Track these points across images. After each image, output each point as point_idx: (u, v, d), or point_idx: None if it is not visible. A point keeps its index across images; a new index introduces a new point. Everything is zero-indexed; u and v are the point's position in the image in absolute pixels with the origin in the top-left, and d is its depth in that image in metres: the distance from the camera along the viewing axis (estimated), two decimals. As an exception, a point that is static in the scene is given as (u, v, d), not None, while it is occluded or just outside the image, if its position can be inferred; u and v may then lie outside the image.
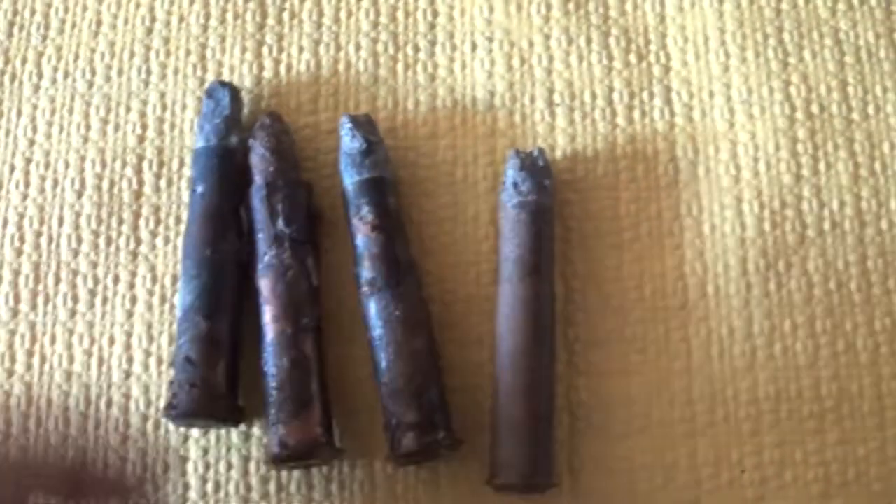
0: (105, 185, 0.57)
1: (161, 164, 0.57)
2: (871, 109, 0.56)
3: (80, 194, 0.57)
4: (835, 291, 0.54)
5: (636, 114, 0.57)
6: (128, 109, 0.58)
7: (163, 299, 0.55)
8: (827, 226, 0.55)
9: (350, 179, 0.53)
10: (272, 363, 0.50)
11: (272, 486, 0.52)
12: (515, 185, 0.52)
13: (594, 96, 0.57)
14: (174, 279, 0.55)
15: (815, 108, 0.56)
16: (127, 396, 0.54)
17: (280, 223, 0.52)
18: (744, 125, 0.56)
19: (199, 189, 0.53)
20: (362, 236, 0.52)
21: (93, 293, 0.55)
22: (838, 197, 0.55)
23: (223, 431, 0.53)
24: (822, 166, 0.55)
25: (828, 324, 0.53)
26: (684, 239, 0.55)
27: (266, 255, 0.52)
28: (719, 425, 0.52)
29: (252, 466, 0.52)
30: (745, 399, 0.52)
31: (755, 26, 0.58)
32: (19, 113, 0.58)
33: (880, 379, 0.52)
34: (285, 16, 0.59)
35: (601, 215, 0.55)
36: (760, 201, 0.55)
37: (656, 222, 0.55)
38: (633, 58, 0.58)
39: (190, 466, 0.53)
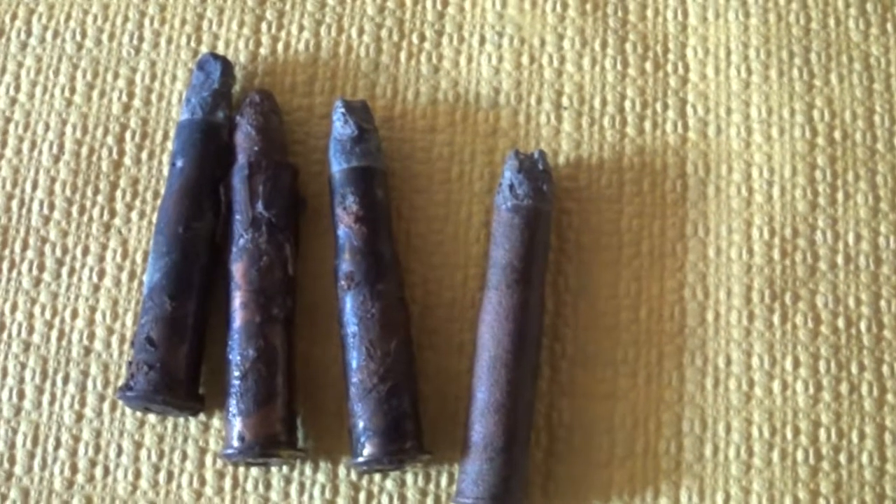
0: (84, 151, 0.55)
1: (144, 136, 0.55)
2: (897, 141, 0.54)
3: (57, 159, 0.55)
4: (843, 330, 0.51)
5: (647, 125, 0.54)
6: (115, 76, 0.56)
7: (132, 276, 0.53)
8: (840, 260, 0.52)
9: (338, 166, 0.51)
10: (237, 352, 0.48)
11: (227, 483, 0.50)
12: (511, 187, 0.50)
13: (605, 102, 0.55)
14: (146, 256, 0.53)
15: (837, 135, 0.54)
16: (85, 374, 0.52)
17: (259, 206, 0.50)
18: (760, 146, 0.54)
19: (179, 163, 0.51)
20: (344, 227, 0.50)
21: (60, 263, 0.53)
22: (855, 230, 0.52)
23: (181, 420, 0.51)
24: (840, 196, 0.53)
25: (832, 365, 0.51)
26: (687, 260, 0.52)
27: (241, 238, 0.50)
28: (707, 462, 0.49)
29: (208, 459, 0.50)
30: (737, 437, 0.50)
31: (781, 43, 0.55)
32: (3, 70, 0.57)
33: (884, 429, 0.50)
34: (288, -8, 0.58)
35: (601, 228, 0.53)
36: (771, 228, 0.52)
37: (659, 240, 0.53)
38: (649, 66, 0.55)
39: (143, 453, 0.50)
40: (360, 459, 0.47)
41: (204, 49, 0.56)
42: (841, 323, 0.51)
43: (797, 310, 0.51)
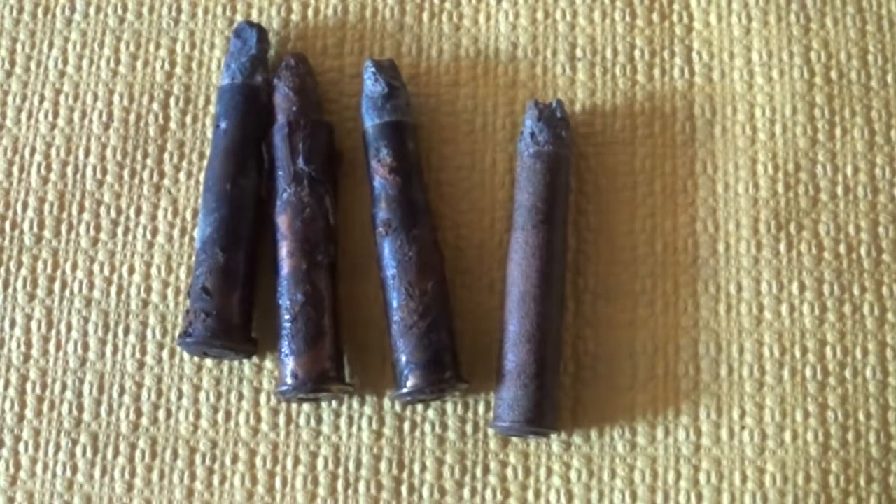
0: (132, 118, 0.58)
1: (187, 101, 0.58)
2: (889, 78, 0.57)
3: (107, 127, 0.58)
4: (844, 256, 0.54)
5: (656, 72, 0.57)
6: (157, 46, 0.59)
7: (183, 232, 0.56)
8: (840, 191, 0.55)
9: (371, 122, 0.54)
10: (286, 297, 0.52)
11: (281, 419, 0.53)
12: (532, 134, 0.53)
13: (616, 53, 0.58)
14: (195, 213, 0.56)
15: (833, 74, 0.57)
16: (144, 325, 0.55)
17: (300, 161, 0.53)
18: (762, 87, 0.57)
19: (223, 125, 0.54)
20: (380, 178, 0.53)
21: (115, 223, 0.56)
22: (853, 163, 0.55)
23: (236, 363, 0.54)
24: (838, 132, 0.56)
25: (835, 287, 0.54)
26: (697, 196, 0.55)
27: (285, 192, 0.53)
28: (723, 382, 0.53)
29: (263, 398, 0.54)
30: (750, 357, 0.53)
31: (779, -10, 0.58)
32: (51, 45, 0.59)
33: (885, 345, 0.53)
34: (315, -40, 0.60)
35: (617, 169, 0.56)
36: (775, 163, 0.55)
37: (670, 179, 0.56)
38: (655, 16, 0.58)
39: (202, 395, 0.54)
40: (405, 391, 0.51)
41: (239, 17, 0.59)
42: (842, 249, 0.54)
43: (801, 238, 0.54)
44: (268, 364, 0.54)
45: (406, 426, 0.53)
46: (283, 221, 0.53)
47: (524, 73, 0.57)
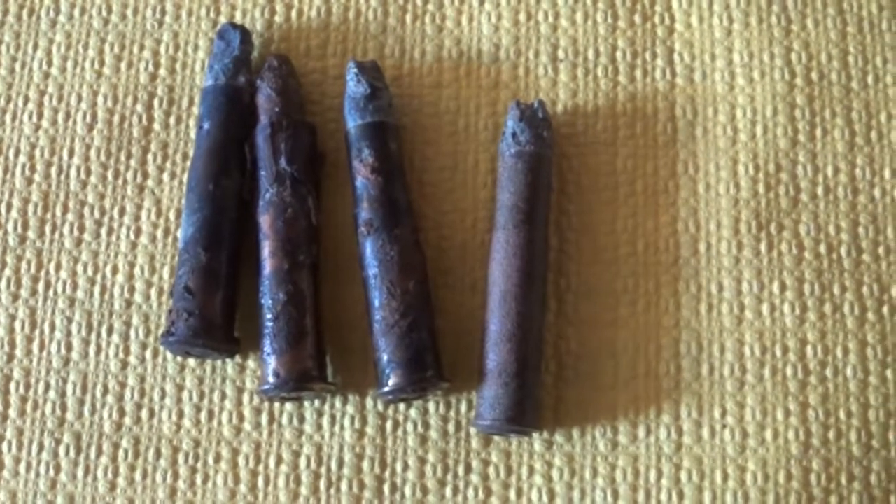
0: (116, 119, 0.58)
1: (171, 102, 0.58)
2: (870, 79, 0.57)
3: (90, 128, 0.58)
4: (825, 255, 0.54)
5: (638, 73, 0.57)
6: (141, 48, 0.59)
7: (166, 232, 0.56)
8: (820, 191, 0.55)
9: (353, 123, 0.54)
10: (268, 296, 0.52)
11: (264, 418, 0.53)
12: (514, 135, 0.53)
13: (598, 54, 0.58)
14: (178, 213, 0.56)
15: (814, 76, 0.57)
16: (128, 325, 0.55)
17: (282, 162, 0.53)
18: (743, 88, 0.57)
19: (206, 126, 0.54)
20: (362, 178, 0.53)
21: (99, 223, 0.57)
22: (833, 163, 0.56)
23: (218, 363, 0.54)
24: (818, 132, 0.56)
25: (816, 287, 0.54)
26: (679, 197, 0.56)
27: (267, 192, 0.53)
28: (704, 381, 0.53)
29: (245, 398, 0.54)
30: (731, 356, 0.53)
31: (759, -9, 0.59)
32: (35, 46, 0.60)
33: (865, 344, 0.53)
34: (298, -38, 0.61)
35: (598, 170, 0.56)
36: (756, 164, 0.56)
37: (652, 179, 0.56)
38: (637, 18, 0.58)
39: (185, 395, 0.54)
40: (386, 389, 0.51)
41: (223, 19, 0.59)
42: (823, 249, 0.55)
43: (782, 238, 0.55)
44: (250, 363, 0.54)
45: (388, 425, 0.53)
46: (265, 221, 0.53)
47: (506, 74, 0.58)
